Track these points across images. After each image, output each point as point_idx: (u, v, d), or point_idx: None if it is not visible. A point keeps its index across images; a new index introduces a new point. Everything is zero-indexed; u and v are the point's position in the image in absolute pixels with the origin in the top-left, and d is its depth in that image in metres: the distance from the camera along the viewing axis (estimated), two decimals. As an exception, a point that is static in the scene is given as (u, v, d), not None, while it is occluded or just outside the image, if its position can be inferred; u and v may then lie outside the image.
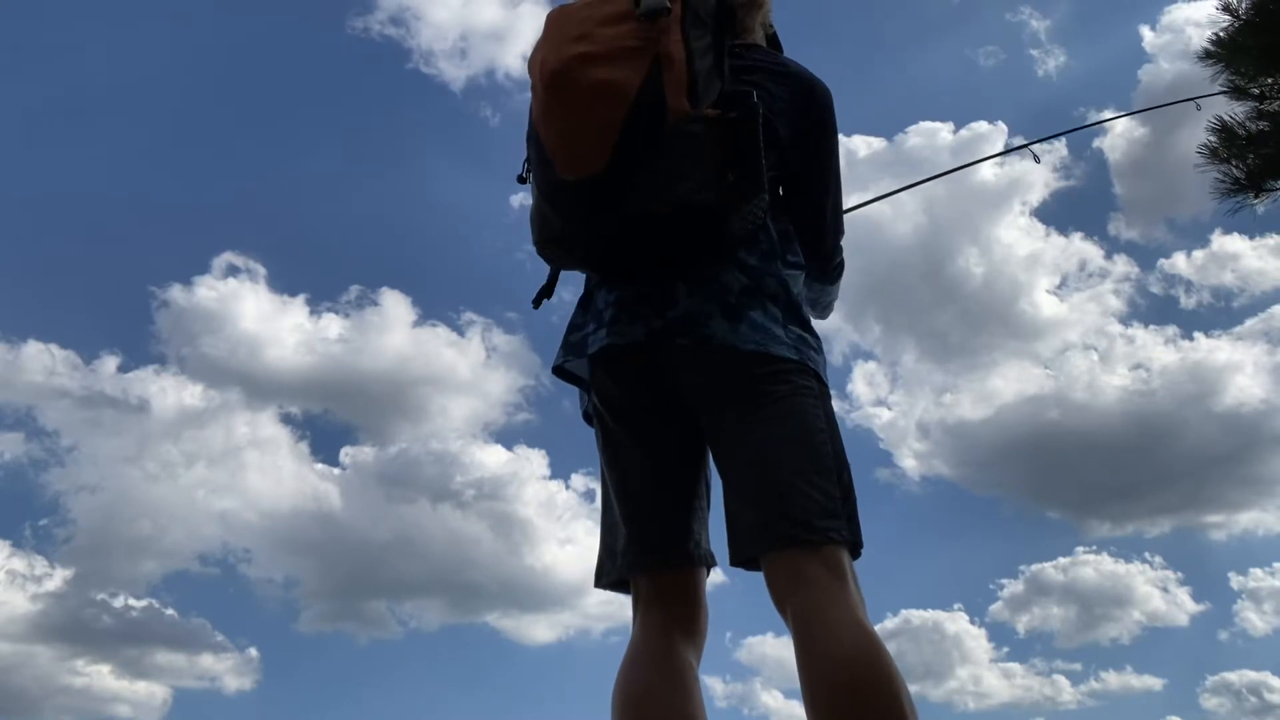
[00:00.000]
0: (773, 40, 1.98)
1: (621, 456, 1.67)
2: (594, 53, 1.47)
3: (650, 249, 1.54)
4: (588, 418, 1.74)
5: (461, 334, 15.80)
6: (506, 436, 15.76)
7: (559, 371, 1.71)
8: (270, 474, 14.92)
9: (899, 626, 13.54)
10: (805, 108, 1.74)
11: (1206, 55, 5.89)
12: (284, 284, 15.34)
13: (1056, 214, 16.05)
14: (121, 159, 16.87)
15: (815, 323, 1.70)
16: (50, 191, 16.12)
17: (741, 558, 1.52)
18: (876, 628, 1.41)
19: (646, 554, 1.62)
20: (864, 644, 1.33)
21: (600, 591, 1.70)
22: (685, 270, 1.57)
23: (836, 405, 1.63)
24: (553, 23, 1.56)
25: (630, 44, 1.47)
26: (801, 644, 1.37)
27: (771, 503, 1.47)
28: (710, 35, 1.55)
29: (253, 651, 13.01)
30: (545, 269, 1.71)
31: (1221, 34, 5.81)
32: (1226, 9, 5.80)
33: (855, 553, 1.49)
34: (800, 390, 1.55)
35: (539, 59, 1.53)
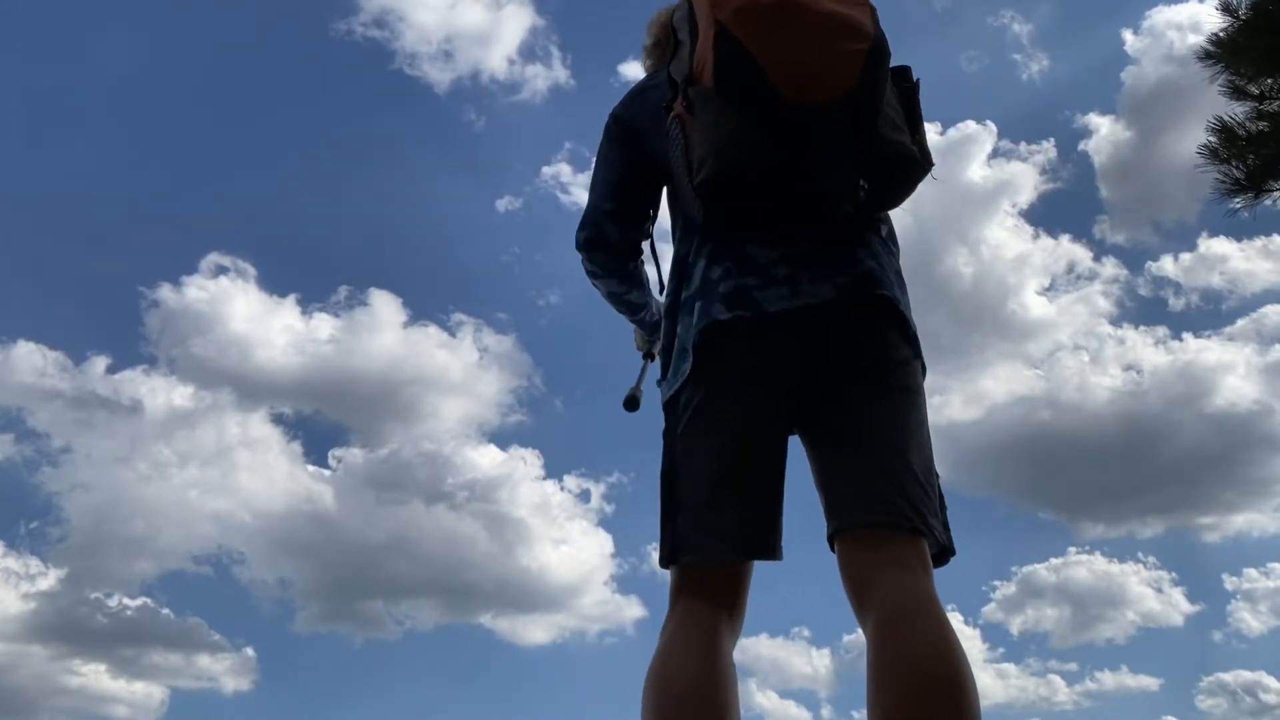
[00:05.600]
0: None
1: (744, 434, 1.53)
2: None
3: (857, 191, 1.49)
4: (693, 384, 1.56)
5: (453, 334, 15.77)
6: (501, 437, 15.73)
7: (709, 329, 1.55)
8: (263, 475, 14.85)
9: (893, 627, 13.52)
10: None
11: (1206, 56, 5.93)
12: (274, 284, 15.27)
13: (1045, 216, 16.13)
14: (109, 160, 16.76)
15: None
16: (38, 192, 16.01)
17: (847, 524, 1.47)
18: None
19: (748, 545, 1.52)
20: (957, 646, 1.30)
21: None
22: (858, 238, 1.57)
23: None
24: None
25: None
26: (895, 627, 1.32)
27: (899, 483, 1.46)
28: None
29: (249, 651, 12.95)
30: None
31: (1221, 34, 5.86)
32: (1226, 10, 5.85)
33: (939, 559, 1.49)
34: (923, 391, 1.58)
35: None
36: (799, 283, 1.53)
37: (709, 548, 1.51)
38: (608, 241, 1.83)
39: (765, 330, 1.53)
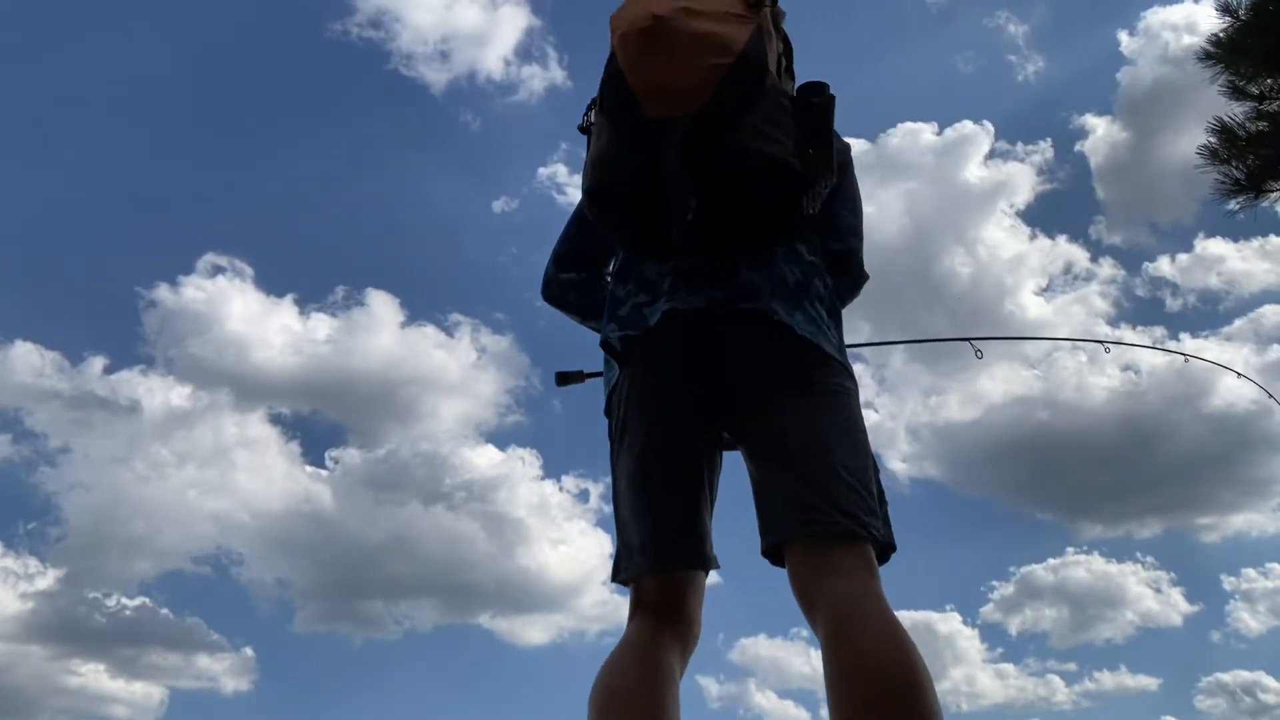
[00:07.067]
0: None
1: (646, 446, 1.59)
2: (699, 9, 1.54)
3: (728, 205, 1.55)
4: (611, 404, 1.68)
5: (450, 335, 15.78)
6: (499, 437, 15.75)
7: (607, 345, 1.67)
8: (261, 475, 14.87)
9: (891, 627, 13.51)
10: None
11: (1206, 56, 5.92)
12: (271, 284, 15.28)
13: (1041, 216, 16.19)
14: (107, 160, 16.77)
15: None
16: (36, 193, 16.00)
17: (781, 538, 1.47)
18: None
19: (665, 557, 1.57)
20: (907, 644, 1.29)
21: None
22: (745, 250, 1.60)
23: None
24: None
25: (735, 11, 1.56)
26: (842, 634, 1.32)
27: (824, 489, 1.45)
28: (781, 43, 1.66)
29: (249, 651, 12.96)
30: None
31: (1220, 35, 5.85)
32: (1225, 10, 5.84)
33: (884, 556, 1.48)
34: (848, 390, 1.59)
35: (636, 10, 1.55)
36: (676, 293, 1.60)
37: (635, 564, 1.59)
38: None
39: (652, 344, 1.61)
